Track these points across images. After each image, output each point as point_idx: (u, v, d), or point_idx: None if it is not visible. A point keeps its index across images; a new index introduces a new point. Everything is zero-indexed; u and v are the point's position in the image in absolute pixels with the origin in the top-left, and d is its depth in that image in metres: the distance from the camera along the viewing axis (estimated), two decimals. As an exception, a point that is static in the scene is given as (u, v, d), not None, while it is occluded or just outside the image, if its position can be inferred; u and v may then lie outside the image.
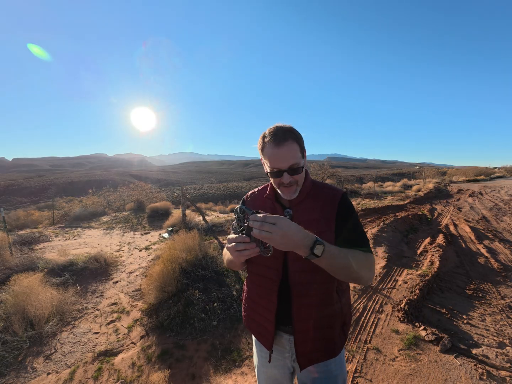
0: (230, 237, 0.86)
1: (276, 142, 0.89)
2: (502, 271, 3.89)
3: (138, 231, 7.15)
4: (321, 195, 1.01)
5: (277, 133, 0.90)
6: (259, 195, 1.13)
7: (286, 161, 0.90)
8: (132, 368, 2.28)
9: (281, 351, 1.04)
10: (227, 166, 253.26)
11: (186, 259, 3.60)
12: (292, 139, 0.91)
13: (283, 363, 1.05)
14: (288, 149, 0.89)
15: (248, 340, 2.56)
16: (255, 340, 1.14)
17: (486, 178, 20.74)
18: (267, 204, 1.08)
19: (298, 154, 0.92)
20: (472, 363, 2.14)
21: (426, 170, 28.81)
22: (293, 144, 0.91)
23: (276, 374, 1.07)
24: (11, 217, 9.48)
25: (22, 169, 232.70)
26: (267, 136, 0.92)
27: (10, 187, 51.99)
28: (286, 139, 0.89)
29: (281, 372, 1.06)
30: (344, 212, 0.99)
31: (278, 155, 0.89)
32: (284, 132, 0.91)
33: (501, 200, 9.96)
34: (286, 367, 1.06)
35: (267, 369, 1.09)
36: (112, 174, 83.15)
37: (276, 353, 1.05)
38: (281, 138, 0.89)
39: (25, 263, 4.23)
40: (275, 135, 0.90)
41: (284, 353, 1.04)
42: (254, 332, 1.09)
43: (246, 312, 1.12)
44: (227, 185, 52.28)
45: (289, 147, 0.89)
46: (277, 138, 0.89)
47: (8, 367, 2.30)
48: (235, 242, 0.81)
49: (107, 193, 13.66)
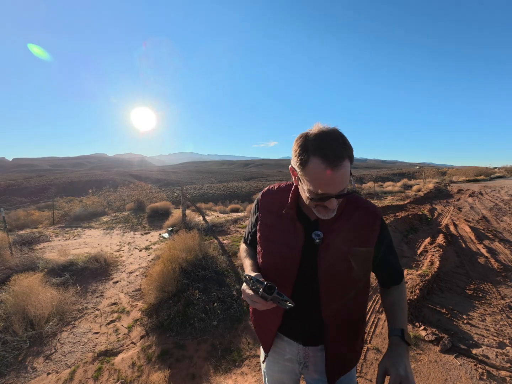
0: (246, 291, 0.79)
1: (332, 163, 0.67)
2: (502, 271, 3.88)
3: (138, 231, 7.15)
4: (357, 212, 0.86)
5: (331, 148, 0.68)
6: (277, 198, 0.96)
7: (339, 186, 0.71)
8: (132, 368, 2.28)
9: (290, 359, 0.99)
10: (227, 166, 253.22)
11: (186, 259, 3.60)
12: (347, 156, 0.70)
13: (290, 368, 1.01)
14: (343, 172, 0.69)
15: (248, 340, 2.56)
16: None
17: (486, 178, 20.74)
18: (284, 222, 0.91)
19: (349, 175, 0.73)
20: (472, 363, 2.14)
21: (426, 170, 28.81)
22: (348, 164, 0.71)
23: (283, 378, 1.04)
24: (11, 217, 9.48)
25: (22, 169, 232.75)
26: (313, 149, 0.70)
27: (10, 187, 52.01)
28: (343, 158, 0.69)
29: (288, 377, 1.03)
30: (385, 237, 0.89)
31: (331, 180, 0.69)
32: (340, 148, 0.69)
33: (501, 200, 9.96)
34: (294, 373, 1.02)
35: (274, 373, 1.05)
36: (112, 174, 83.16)
37: (280, 358, 1.01)
38: (338, 157, 0.68)
39: (25, 263, 4.23)
40: (328, 152, 0.68)
41: (287, 358, 1.00)
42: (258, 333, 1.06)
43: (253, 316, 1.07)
44: (227, 185, 52.29)
45: (345, 169, 0.69)
46: (332, 157, 0.68)
47: (8, 367, 2.29)
48: (250, 300, 0.78)
49: (107, 193, 13.65)
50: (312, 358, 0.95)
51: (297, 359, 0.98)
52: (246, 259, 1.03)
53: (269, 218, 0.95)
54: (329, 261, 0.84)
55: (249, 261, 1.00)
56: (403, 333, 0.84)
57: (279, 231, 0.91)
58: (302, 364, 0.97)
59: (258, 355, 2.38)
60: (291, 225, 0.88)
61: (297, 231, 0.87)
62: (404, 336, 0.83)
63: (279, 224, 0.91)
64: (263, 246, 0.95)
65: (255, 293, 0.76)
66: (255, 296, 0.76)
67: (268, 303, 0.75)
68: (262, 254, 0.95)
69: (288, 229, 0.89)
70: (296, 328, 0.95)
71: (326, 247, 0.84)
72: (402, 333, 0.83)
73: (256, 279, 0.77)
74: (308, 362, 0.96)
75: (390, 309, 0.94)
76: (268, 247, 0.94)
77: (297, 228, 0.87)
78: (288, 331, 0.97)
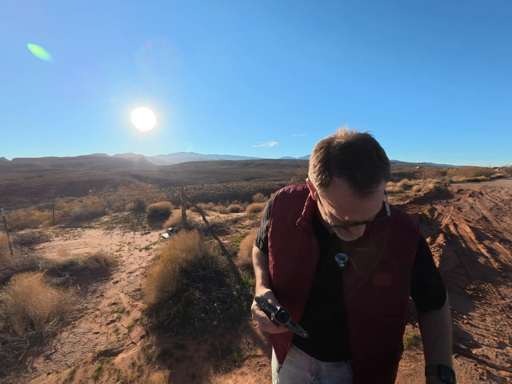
0: (257, 313, 0.73)
1: (363, 189, 0.53)
2: (502, 271, 3.88)
3: (138, 231, 7.15)
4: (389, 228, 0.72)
5: (363, 168, 0.53)
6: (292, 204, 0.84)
7: (371, 213, 0.58)
8: (132, 368, 2.28)
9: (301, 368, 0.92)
10: (227, 166, 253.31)
11: (186, 259, 3.60)
12: (384, 177, 0.55)
13: (302, 377, 0.93)
14: (378, 198, 0.56)
15: (248, 340, 2.56)
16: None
17: (486, 178, 20.72)
18: (297, 233, 0.80)
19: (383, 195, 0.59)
20: (472, 363, 2.14)
21: (426, 170, 28.81)
22: (384, 184, 0.56)
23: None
24: (12, 217, 9.49)
25: (22, 169, 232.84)
26: (338, 167, 0.55)
27: (11, 187, 52.03)
28: (378, 181, 0.54)
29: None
30: (424, 256, 0.75)
31: (361, 208, 0.56)
32: (375, 168, 0.54)
33: (501, 200, 9.95)
34: (305, 382, 0.94)
35: (285, 379, 0.98)
36: (112, 174, 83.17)
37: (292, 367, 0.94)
38: (372, 181, 0.53)
39: (25, 263, 4.23)
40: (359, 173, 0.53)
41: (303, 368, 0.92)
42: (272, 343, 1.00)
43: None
44: (227, 185, 52.29)
45: (379, 194, 0.55)
46: (365, 181, 0.53)
47: (8, 367, 2.30)
48: (261, 322, 0.72)
49: (107, 193, 13.66)
50: (325, 372, 0.88)
51: (309, 370, 0.91)
52: (257, 268, 0.96)
53: (281, 226, 0.86)
54: (356, 286, 0.73)
55: (261, 271, 0.93)
56: (441, 371, 0.69)
57: (292, 242, 0.81)
58: (314, 376, 0.89)
59: (258, 355, 2.38)
60: (306, 238, 0.77)
61: (313, 246, 0.76)
62: (441, 375, 0.68)
63: (293, 235, 0.81)
64: (274, 257, 0.87)
65: (267, 314, 0.71)
66: (266, 320, 0.70)
67: (280, 327, 0.69)
68: (273, 266, 0.88)
69: (302, 242, 0.78)
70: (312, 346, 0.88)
71: (352, 271, 0.73)
72: (439, 371, 0.69)
73: (268, 304, 0.70)
74: (321, 375, 0.89)
75: (427, 339, 0.79)
76: (280, 259, 0.85)
77: (313, 242, 0.76)
78: (302, 345, 0.90)
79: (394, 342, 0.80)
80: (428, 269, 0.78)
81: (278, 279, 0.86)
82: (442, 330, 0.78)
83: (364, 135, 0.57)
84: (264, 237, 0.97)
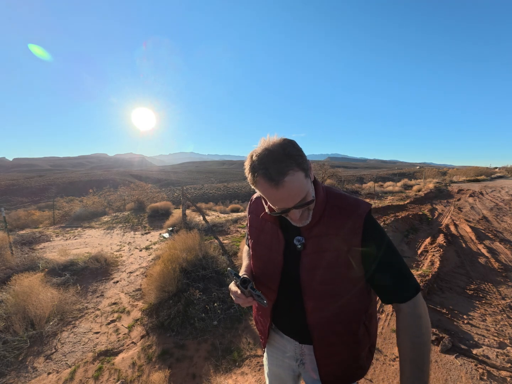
0: (232, 288, 0.87)
1: (272, 182, 0.66)
2: (503, 271, 3.88)
3: (138, 231, 7.15)
4: (339, 212, 0.80)
5: (269, 166, 0.66)
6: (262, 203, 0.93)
7: (293, 199, 0.69)
8: (133, 368, 2.28)
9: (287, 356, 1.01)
10: (227, 166, 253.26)
11: (186, 259, 3.60)
12: (292, 169, 0.67)
13: (288, 365, 1.02)
14: (290, 187, 0.67)
15: (249, 340, 2.56)
16: None
17: (486, 178, 20.70)
18: (268, 226, 0.92)
19: (304, 183, 0.70)
20: (473, 363, 2.14)
21: (427, 170, 28.79)
22: (296, 175, 0.67)
23: (281, 373, 1.06)
24: (12, 217, 9.49)
25: (23, 169, 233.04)
26: (256, 168, 0.69)
27: (11, 187, 52.08)
28: (285, 173, 0.66)
29: (285, 373, 1.05)
30: (372, 238, 0.79)
31: (280, 196, 0.69)
32: (279, 164, 0.66)
33: (501, 200, 9.94)
34: (291, 369, 1.03)
35: (272, 366, 1.07)
36: (113, 174, 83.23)
37: (280, 354, 1.03)
38: (278, 174, 0.66)
39: (26, 263, 4.24)
40: (268, 169, 0.66)
41: (287, 355, 1.01)
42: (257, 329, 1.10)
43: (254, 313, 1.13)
44: (227, 185, 52.29)
45: (292, 184, 0.67)
46: (272, 176, 0.66)
47: (9, 366, 2.30)
48: (234, 296, 0.84)
49: (107, 193, 13.66)
50: (309, 356, 0.95)
51: (294, 356, 0.99)
52: (244, 261, 1.10)
53: (256, 221, 0.99)
54: (310, 266, 0.82)
55: (245, 262, 1.07)
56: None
57: (264, 234, 0.94)
58: (298, 361, 0.98)
59: (258, 355, 2.38)
60: (274, 229, 0.90)
61: (279, 235, 0.88)
62: None
63: (265, 228, 0.94)
64: (253, 248, 0.99)
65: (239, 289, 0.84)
66: (237, 292, 0.83)
67: (248, 298, 0.81)
68: (252, 256, 1.00)
69: (272, 233, 0.91)
70: (289, 326, 0.97)
71: (307, 252, 0.83)
72: None
73: (234, 272, 0.84)
74: (305, 359, 0.96)
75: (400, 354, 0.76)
76: (256, 250, 0.97)
77: (278, 232, 0.89)
78: (283, 328, 0.99)
79: (351, 323, 0.85)
80: (381, 251, 0.78)
81: (256, 268, 0.99)
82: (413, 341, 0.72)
83: (277, 141, 0.70)
84: (247, 234, 1.09)
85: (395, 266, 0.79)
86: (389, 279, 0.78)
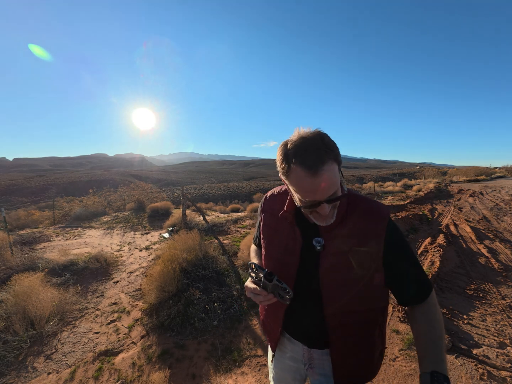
0: (249, 285, 0.83)
1: (310, 169, 0.65)
2: (503, 271, 3.88)
3: (138, 231, 7.15)
4: (362, 215, 0.79)
5: (309, 153, 0.65)
6: (278, 201, 0.93)
7: (327, 191, 0.68)
8: (133, 368, 2.28)
9: (294, 359, 0.98)
10: (227, 166, 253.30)
11: (186, 259, 3.60)
12: (330, 159, 0.66)
13: (295, 369, 1.00)
14: (328, 176, 0.65)
15: (249, 340, 2.56)
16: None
17: (486, 178, 20.68)
18: (283, 226, 0.89)
19: (338, 177, 0.69)
20: (473, 363, 2.14)
21: (427, 170, 28.78)
22: (333, 166, 0.66)
23: (288, 377, 1.03)
24: (12, 217, 9.50)
25: (23, 169, 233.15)
26: (292, 156, 0.67)
27: (11, 187, 52.11)
28: (324, 162, 0.65)
29: (291, 376, 1.02)
30: (393, 240, 0.78)
31: (315, 186, 0.66)
32: (319, 152, 0.65)
33: (502, 200, 9.94)
34: (298, 373, 1.00)
35: (278, 370, 1.05)
36: (113, 174, 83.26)
37: (287, 358, 1.01)
38: (317, 162, 0.64)
39: (26, 263, 4.24)
40: (306, 157, 0.65)
41: (295, 359, 0.98)
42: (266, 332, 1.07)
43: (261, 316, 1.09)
44: (227, 185, 52.32)
45: (329, 173, 0.65)
46: (311, 163, 0.65)
47: (9, 366, 2.30)
48: (253, 293, 0.80)
49: (107, 193, 13.66)
50: (317, 360, 0.93)
51: (301, 360, 0.96)
52: (254, 260, 1.09)
53: (270, 220, 0.96)
54: (331, 269, 0.81)
55: (257, 261, 1.06)
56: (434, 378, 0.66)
57: (279, 234, 0.91)
58: (306, 365, 0.95)
59: (258, 355, 2.38)
60: (291, 228, 0.87)
61: (296, 235, 0.85)
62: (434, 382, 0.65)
63: (280, 227, 0.91)
64: (265, 248, 0.96)
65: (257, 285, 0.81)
66: (257, 289, 0.79)
67: (269, 295, 0.77)
68: (264, 256, 0.97)
69: (288, 233, 0.88)
70: (300, 330, 0.94)
71: (327, 254, 0.81)
72: (432, 378, 0.66)
73: (258, 266, 0.80)
74: (313, 364, 0.94)
75: (418, 343, 0.78)
76: (269, 249, 0.94)
77: (296, 232, 0.86)
78: (293, 332, 0.96)
79: (370, 329, 0.85)
80: (401, 256, 0.80)
81: (268, 268, 0.95)
82: (432, 332, 0.75)
83: (313, 131, 0.69)
84: (258, 233, 1.06)
85: (414, 270, 0.80)
86: (409, 283, 0.80)
